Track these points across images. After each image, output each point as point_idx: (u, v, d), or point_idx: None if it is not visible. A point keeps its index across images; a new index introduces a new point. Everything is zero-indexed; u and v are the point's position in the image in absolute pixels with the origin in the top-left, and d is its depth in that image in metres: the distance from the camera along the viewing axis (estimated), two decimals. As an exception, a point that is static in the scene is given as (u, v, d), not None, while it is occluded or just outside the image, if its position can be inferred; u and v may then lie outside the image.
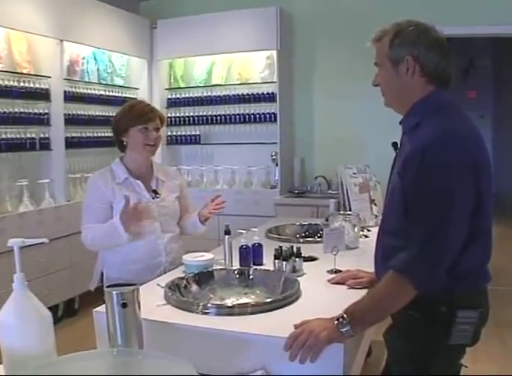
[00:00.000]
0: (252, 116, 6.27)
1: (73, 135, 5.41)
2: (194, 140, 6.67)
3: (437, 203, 1.75)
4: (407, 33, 1.90)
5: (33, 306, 1.62)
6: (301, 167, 6.40)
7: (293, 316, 2.01)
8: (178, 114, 6.66)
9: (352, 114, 6.12)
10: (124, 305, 1.69)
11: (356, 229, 3.22)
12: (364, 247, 3.22)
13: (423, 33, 1.90)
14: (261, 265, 2.81)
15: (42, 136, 5.09)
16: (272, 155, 6.24)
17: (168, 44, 6.42)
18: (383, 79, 2.00)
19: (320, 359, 1.81)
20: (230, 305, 2.19)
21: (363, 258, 2.95)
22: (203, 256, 2.72)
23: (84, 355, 1.42)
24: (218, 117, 6.46)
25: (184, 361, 1.33)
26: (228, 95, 6.39)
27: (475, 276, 1.89)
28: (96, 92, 5.79)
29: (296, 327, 1.89)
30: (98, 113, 5.76)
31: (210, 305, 2.16)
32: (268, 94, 6.16)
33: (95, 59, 5.91)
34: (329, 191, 6.07)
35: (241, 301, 2.37)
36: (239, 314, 2.09)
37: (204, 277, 2.53)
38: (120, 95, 6.14)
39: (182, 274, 2.62)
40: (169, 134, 6.71)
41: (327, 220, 3.91)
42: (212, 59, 6.54)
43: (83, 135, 5.56)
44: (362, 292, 2.32)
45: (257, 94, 6.23)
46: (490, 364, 3.87)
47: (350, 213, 3.47)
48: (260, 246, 2.85)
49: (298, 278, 2.49)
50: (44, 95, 5.09)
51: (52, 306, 4.88)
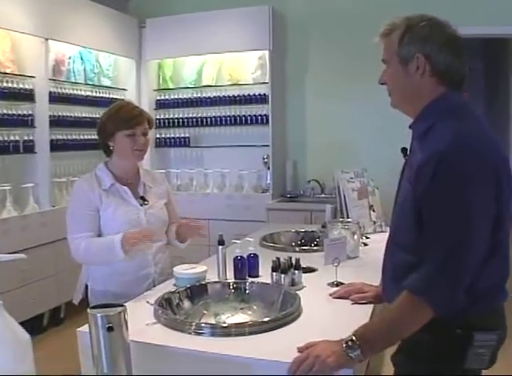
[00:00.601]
0: (243, 118, 6.10)
1: (59, 137, 5.21)
2: (183, 143, 6.48)
3: (455, 217, 1.59)
4: (419, 28, 1.74)
5: (9, 329, 1.45)
6: (294, 170, 6.22)
7: (295, 337, 1.86)
8: (167, 116, 6.48)
9: (346, 116, 5.96)
10: (109, 328, 1.52)
11: (356, 238, 3.06)
12: (364, 256, 3.08)
13: (436, 29, 1.74)
14: (257, 277, 2.65)
15: (26, 139, 4.90)
16: (263, 158, 6.07)
17: (157, 43, 6.24)
18: (390, 77, 1.85)
19: (327, 386, 1.65)
20: (226, 324, 2.02)
21: (364, 268, 2.82)
22: (195, 268, 2.56)
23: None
24: (208, 119, 6.28)
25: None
26: (218, 97, 6.21)
27: (493, 294, 1.73)
28: (83, 92, 5.60)
29: (300, 350, 1.73)
30: (84, 115, 5.56)
31: (203, 324, 1.99)
32: (259, 95, 5.99)
33: (82, 59, 5.71)
34: (323, 195, 5.93)
35: (237, 318, 2.22)
36: (236, 335, 1.92)
37: (197, 291, 2.37)
38: (107, 96, 5.96)
39: (173, 288, 2.46)
40: (158, 136, 6.52)
41: (324, 227, 3.78)
42: (202, 59, 6.35)
43: (69, 137, 5.36)
44: (367, 308, 2.18)
45: (249, 95, 6.06)
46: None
47: (350, 221, 3.30)
48: (256, 257, 2.68)
49: (298, 292, 2.34)
50: (28, 96, 4.90)
51: (37, 315, 4.72)
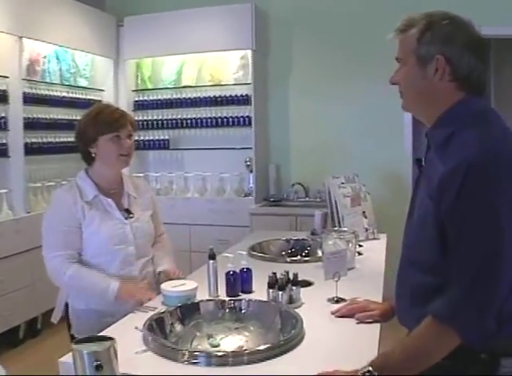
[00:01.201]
0: (225, 119, 5.92)
1: (33, 140, 4.98)
2: (163, 145, 6.26)
3: (486, 235, 1.42)
4: (441, 27, 1.57)
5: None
6: (277, 173, 6.04)
7: (300, 364, 1.72)
8: (145, 118, 6.26)
9: (332, 118, 5.80)
10: (98, 367, 1.33)
11: (352, 247, 2.90)
12: (360, 266, 2.92)
13: (460, 29, 1.58)
14: (251, 292, 2.47)
15: (-1, 142, 4.70)
16: (246, 161, 5.90)
17: (136, 42, 6.02)
18: (404, 78, 1.67)
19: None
20: (222, 353, 1.82)
21: (363, 280, 2.67)
22: (185, 285, 2.37)
23: None
24: (189, 121, 6.08)
25: None
26: (199, 98, 6.01)
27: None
28: (58, 93, 5.37)
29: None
30: (60, 117, 5.34)
31: (198, 353, 1.80)
32: (242, 96, 5.82)
33: (58, 59, 5.49)
34: (307, 199, 5.77)
35: (232, 339, 2.05)
36: (234, 364, 1.73)
37: (188, 311, 2.18)
38: (84, 97, 5.74)
39: (161, 306, 2.28)
40: (136, 138, 6.10)
41: (313, 234, 3.63)
42: (182, 59, 6.15)
43: (44, 140, 5.14)
44: (373, 327, 2.02)
45: (231, 96, 5.88)
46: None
47: (345, 230, 3.14)
48: (249, 271, 2.50)
49: (297, 309, 2.17)
50: (1, 97, 4.68)
51: (13, 327, 4.50)
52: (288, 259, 3.14)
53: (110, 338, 1.43)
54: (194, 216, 5.79)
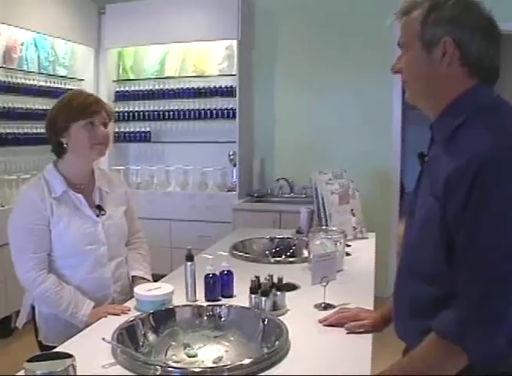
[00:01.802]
0: (208, 112, 5.74)
1: (8, 131, 4.77)
2: (144, 137, 6.08)
3: (499, 244, 1.26)
4: (447, 7, 1.40)
5: None
6: (261, 168, 5.87)
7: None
8: (126, 109, 6.08)
9: (318, 111, 5.65)
10: (53, 390, 1.16)
11: (341, 248, 2.73)
12: (349, 268, 2.75)
13: (469, 9, 1.41)
14: (231, 297, 2.30)
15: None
16: (229, 155, 5.74)
17: (117, 31, 5.81)
18: (408, 65, 1.49)
19: None
20: (199, 369, 1.64)
21: (352, 284, 2.53)
22: (159, 289, 2.20)
23: None
24: (171, 113, 5.90)
25: None
26: (182, 89, 5.83)
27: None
28: (36, 82, 5.16)
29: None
30: (37, 107, 5.12)
31: (172, 368, 1.63)
32: (226, 88, 5.64)
33: (36, 46, 5.26)
34: (292, 195, 5.62)
35: (210, 349, 1.88)
36: (214, 381, 1.56)
37: (162, 318, 2.00)
38: (62, 86, 5.51)
39: (133, 313, 2.11)
40: (116, 130, 6.10)
41: (298, 232, 3.46)
42: (165, 48, 5.96)
43: (19, 131, 4.92)
44: (365, 338, 1.86)
45: (215, 88, 5.70)
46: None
47: (334, 229, 2.96)
48: (230, 274, 2.33)
49: (282, 317, 2.01)
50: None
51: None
52: (272, 260, 2.98)
53: (69, 355, 1.25)
54: (175, 211, 5.64)
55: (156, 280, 2.49)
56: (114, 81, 6.12)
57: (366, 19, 5.06)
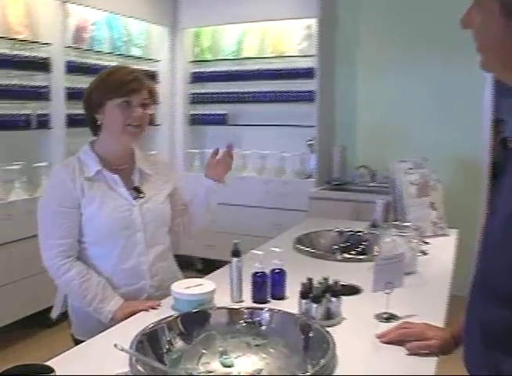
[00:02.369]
0: (287, 94, 5.46)
1: (77, 111, 4.58)
2: (220, 120, 5.90)
3: None
4: None
5: None
6: (341, 155, 5.53)
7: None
8: (202, 91, 5.92)
9: (403, 97, 5.25)
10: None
11: (414, 247, 2.41)
12: (423, 270, 2.41)
13: None
14: (283, 299, 2.04)
15: (40, 113, 4.39)
16: (308, 140, 5.43)
17: (194, 10, 5.62)
18: (481, 29, 1.15)
19: None
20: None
21: (424, 290, 2.20)
22: (201, 286, 1.96)
23: None
24: (248, 95, 5.67)
25: None
26: (260, 70, 5.57)
27: None
28: (108, 63, 4.97)
29: None
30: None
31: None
32: (305, 69, 5.33)
33: (109, 26, 5.15)
34: (374, 184, 5.25)
35: (248, 361, 1.64)
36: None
37: (194, 320, 1.76)
38: (137, 67, 5.31)
39: (169, 311, 1.88)
40: (192, 113, 5.98)
41: (373, 226, 3.15)
42: (244, 28, 5.72)
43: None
44: (428, 362, 1.54)
45: (294, 69, 5.41)
46: None
47: (407, 225, 2.62)
48: (282, 273, 2.06)
49: (334, 327, 1.73)
50: (43, 66, 4.36)
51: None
52: (339, 256, 2.69)
53: (50, 369, 1.03)
54: (249, 197, 5.44)
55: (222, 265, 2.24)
56: (191, 61, 5.95)
57: (455, 2, 4.63)
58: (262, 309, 1.83)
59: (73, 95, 4.53)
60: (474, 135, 4.97)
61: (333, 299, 1.81)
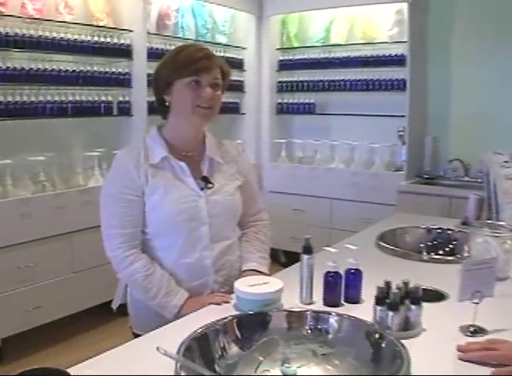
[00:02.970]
0: (377, 82, 5.22)
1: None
2: (308, 109, 5.73)
3: None
4: None
5: None
6: (433, 147, 5.22)
7: None
8: (290, 79, 5.76)
9: (501, 85, 4.86)
10: None
11: (509, 249, 2.15)
12: (518, 276, 2.16)
13: None
14: (357, 302, 1.84)
15: (121, 100, 4.38)
16: (398, 131, 5.17)
17: (280, -3, 5.46)
18: None
19: None
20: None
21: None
22: (266, 285, 1.79)
23: None
24: (337, 83, 5.46)
25: None
26: (349, 58, 5.35)
27: None
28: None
29: None
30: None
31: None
32: (396, 56, 5.07)
33: (193, 13, 5.06)
34: (467, 179, 4.93)
35: (314, 370, 1.48)
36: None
37: (258, 323, 1.60)
38: (223, 54, 5.25)
39: (231, 310, 1.73)
40: (279, 101, 5.85)
41: (464, 223, 2.90)
42: (331, 14, 5.49)
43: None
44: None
45: (384, 56, 5.15)
46: None
47: (502, 224, 2.35)
48: (357, 274, 1.85)
49: (412, 340, 1.52)
50: (124, 52, 4.33)
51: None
52: (425, 256, 2.46)
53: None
54: (336, 189, 5.25)
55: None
56: (278, 49, 5.81)
57: None
58: (332, 313, 1.64)
59: (154, 82, 4.48)
60: None
61: (413, 307, 1.59)
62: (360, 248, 1.93)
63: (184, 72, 1.92)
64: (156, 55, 4.48)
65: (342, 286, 1.84)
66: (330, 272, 1.82)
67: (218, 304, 1.84)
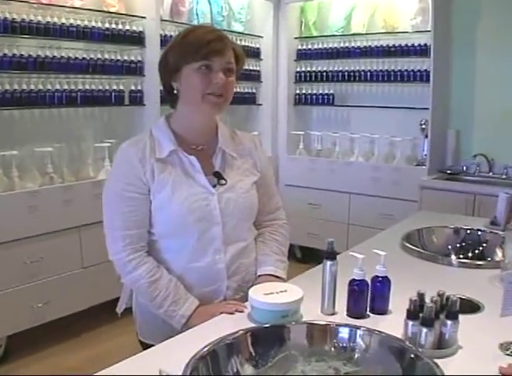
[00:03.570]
0: (399, 73, 5.02)
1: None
2: (327, 101, 5.54)
3: None
4: None
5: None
6: (456, 141, 5.03)
7: None
8: (308, 69, 5.57)
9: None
10: None
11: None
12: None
13: None
14: (384, 313, 1.68)
15: (133, 89, 4.23)
16: (421, 124, 4.97)
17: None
18: None
19: None
20: None
21: None
22: (284, 293, 1.63)
23: None
24: (357, 74, 5.28)
25: None
26: (369, 47, 5.15)
27: None
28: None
29: None
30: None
31: None
32: (419, 46, 4.87)
33: (208, 0, 4.88)
34: (491, 174, 4.74)
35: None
36: None
37: (275, 336, 1.44)
38: (239, 43, 5.06)
39: (245, 321, 1.56)
40: (297, 92, 5.66)
41: (493, 223, 2.73)
42: (352, 2, 5.30)
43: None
44: None
45: (406, 46, 4.94)
46: None
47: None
48: (385, 282, 1.68)
49: (447, 359, 1.36)
50: (136, 40, 4.18)
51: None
52: (454, 261, 2.28)
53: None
54: (356, 184, 5.08)
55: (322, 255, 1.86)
56: (296, 38, 5.61)
57: None
58: (358, 327, 1.47)
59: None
60: None
61: (449, 322, 1.42)
62: (384, 249, 1.76)
63: (193, 56, 1.73)
64: (167, 42, 4.33)
65: (368, 295, 1.67)
66: (356, 280, 1.65)
67: (230, 313, 1.68)
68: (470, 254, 2.50)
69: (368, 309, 1.67)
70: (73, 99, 3.84)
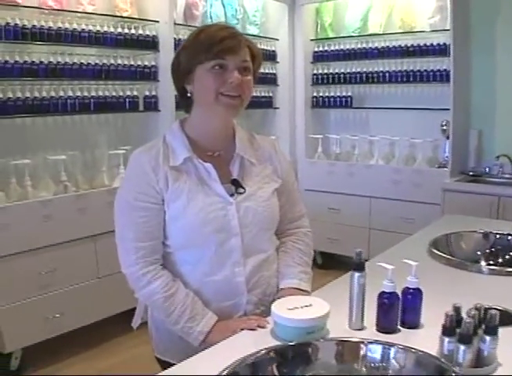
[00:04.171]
0: (418, 74, 4.92)
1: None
2: (345, 103, 5.45)
3: None
4: None
5: None
6: (479, 142, 4.91)
7: None
8: (325, 71, 5.48)
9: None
10: None
11: None
12: None
13: None
14: (416, 327, 1.57)
15: (148, 94, 4.17)
16: (441, 125, 4.87)
17: (314, -17, 5.20)
18: None
19: None
20: None
21: None
22: (309, 307, 1.52)
23: None
24: (375, 75, 5.18)
25: None
26: (387, 47, 5.06)
27: None
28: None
29: None
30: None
31: None
32: (438, 46, 4.76)
33: (222, 3, 4.82)
34: (514, 176, 4.63)
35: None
36: None
37: (300, 355, 1.34)
38: (253, 47, 5.01)
39: (267, 339, 1.46)
40: (314, 95, 5.57)
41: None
42: (368, 2, 5.21)
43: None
44: None
45: (425, 46, 4.84)
46: None
47: None
48: (417, 293, 1.57)
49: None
50: (150, 44, 4.12)
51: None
52: (484, 268, 2.18)
53: None
54: (376, 187, 4.98)
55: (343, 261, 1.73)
56: (312, 40, 5.53)
57: None
58: (392, 345, 1.37)
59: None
60: None
61: (488, 338, 1.31)
62: (411, 256, 1.65)
63: (205, 55, 1.63)
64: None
65: (399, 308, 1.56)
66: (386, 292, 1.54)
67: (252, 329, 1.58)
68: (499, 260, 2.38)
69: (399, 323, 1.57)
70: (86, 106, 3.78)
